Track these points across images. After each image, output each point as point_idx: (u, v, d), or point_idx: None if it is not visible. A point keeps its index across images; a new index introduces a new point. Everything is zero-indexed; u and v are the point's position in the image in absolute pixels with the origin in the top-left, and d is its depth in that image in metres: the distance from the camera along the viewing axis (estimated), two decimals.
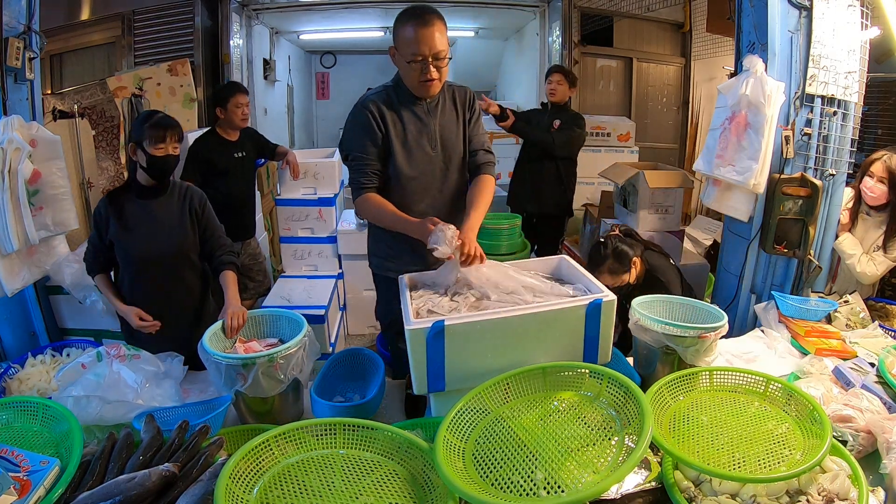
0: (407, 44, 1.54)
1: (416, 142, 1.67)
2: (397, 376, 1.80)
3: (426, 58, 1.54)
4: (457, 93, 1.73)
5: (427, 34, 1.51)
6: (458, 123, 1.73)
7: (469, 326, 1.24)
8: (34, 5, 2.12)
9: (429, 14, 1.53)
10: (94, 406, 1.29)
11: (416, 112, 1.66)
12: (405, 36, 1.54)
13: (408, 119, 1.66)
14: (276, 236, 3.62)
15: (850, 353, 1.68)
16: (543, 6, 4.79)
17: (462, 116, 1.73)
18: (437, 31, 1.53)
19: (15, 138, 1.86)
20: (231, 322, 1.52)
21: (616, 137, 4.51)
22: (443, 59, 1.56)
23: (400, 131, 1.66)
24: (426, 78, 1.57)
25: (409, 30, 1.53)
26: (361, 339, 3.42)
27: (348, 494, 0.99)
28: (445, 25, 1.56)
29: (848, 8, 2.12)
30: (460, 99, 1.73)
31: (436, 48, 1.53)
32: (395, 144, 1.65)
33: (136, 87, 3.86)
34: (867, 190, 2.19)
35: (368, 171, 1.65)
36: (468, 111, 1.74)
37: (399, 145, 1.66)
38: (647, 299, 1.65)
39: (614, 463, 0.99)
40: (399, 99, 1.66)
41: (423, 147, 1.68)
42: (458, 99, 1.73)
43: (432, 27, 1.52)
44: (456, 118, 1.72)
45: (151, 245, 1.76)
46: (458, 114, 1.73)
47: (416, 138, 1.67)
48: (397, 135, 1.66)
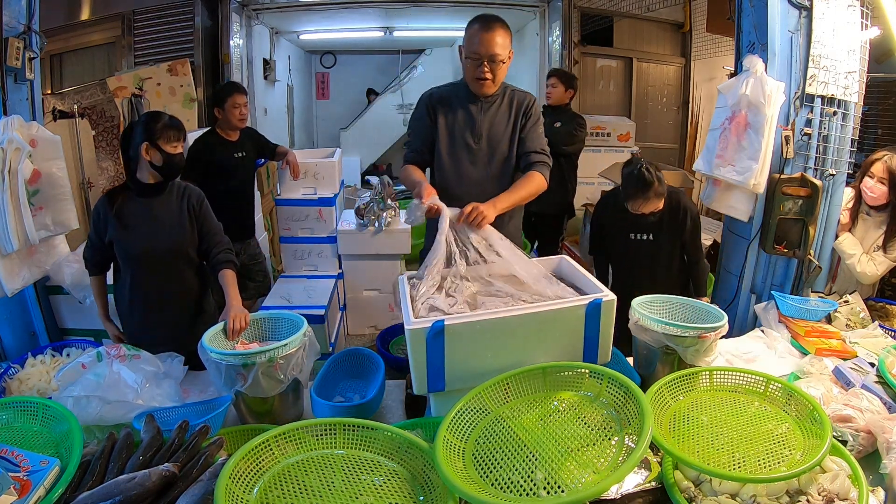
0: (469, 42, 1.74)
1: (460, 133, 1.85)
2: None
3: (482, 57, 1.72)
4: (516, 97, 1.88)
5: (487, 38, 1.70)
6: (508, 124, 1.87)
7: (469, 326, 1.24)
8: (34, 5, 2.12)
9: (494, 21, 1.72)
10: (94, 406, 1.29)
11: (469, 107, 1.85)
12: (469, 35, 1.74)
13: (459, 111, 1.85)
14: (276, 236, 3.62)
15: (850, 353, 1.68)
16: (543, 6, 4.79)
17: (515, 118, 1.86)
18: (497, 37, 1.70)
19: (15, 138, 1.86)
20: (233, 325, 1.52)
21: (616, 137, 4.51)
22: (498, 63, 1.74)
23: (448, 121, 1.86)
24: (479, 76, 1.75)
25: (473, 30, 1.73)
26: (361, 339, 3.42)
27: (348, 494, 0.99)
28: (509, 35, 1.74)
29: (848, 8, 2.12)
30: (518, 103, 1.87)
31: (492, 51, 1.71)
32: (440, 131, 1.86)
33: (136, 87, 3.86)
34: (867, 190, 2.19)
35: (416, 148, 1.90)
36: (523, 116, 1.86)
37: (444, 132, 1.86)
38: (647, 299, 1.66)
39: (614, 463, 0.99)
40: (459, 93, 1.87)
41: (466, 138, 1.85)
42: (516, 103, 1.87)
43: (493, 32, 1.70)
44: (508, 119, 1.86)
45: (150, 243, 1.76)
46: (511, 115, 1.87)
47: (462, 129, 1.85)
48: (445, 124, 1.86)
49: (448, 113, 1.86)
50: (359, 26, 5.86)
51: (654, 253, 2.17)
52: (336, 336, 3.10)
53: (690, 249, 2.21)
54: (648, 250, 2.18)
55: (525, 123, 1.86)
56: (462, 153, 1.86)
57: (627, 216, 2.14)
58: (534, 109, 1.88)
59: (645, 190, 2.01)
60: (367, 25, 5.81)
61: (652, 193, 2.02)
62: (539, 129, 1.89)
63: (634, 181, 2.02)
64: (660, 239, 2.16)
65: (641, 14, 4.90)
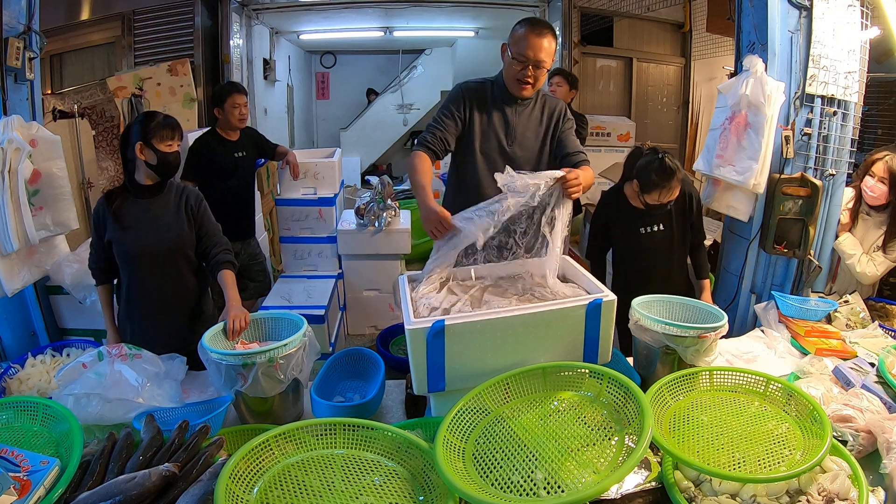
0: (517, 42, 1.73)
1: (495, 133, 1.84)
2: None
3: (528, 60, 1.72)
4: (548, 103, 1.89)
5: (537, 42, 1.70)
6: (540, 130, 1.88)
7: (469, 326, 1.24)
8: (34, 5, 2.12)
9: (545, 28, 1.73)
10: (95, 404, 1.29)
11: (504, 109, 1.84)
12: (518, 35, 1.73)
13: (494, 112, 1.84)
14: (276, 236, 3.62)
15: (850, 353, 1.68)
16: (543, 6, 4.79)
17: (546, 124, 1.88)
18: (546, 43, 1.70)
19: (15, 138, 1.86)
20: (233, 325, 1.52)
21: (616, 137, 4.51)
22: (542, 69, 1.74)
23: (483, 120, 1.84)
24: (522, 78, 1.75)
25: (523, 31, 1.71)
26: (361, 339, 3.42)
27: (348, 494, 0.99)
28: (556, 43, 1.76)
29: (848, 8, 2.12)
30: (549, 109, 1.89)
31: (539, 56, 1.71)
32: (476, 130, 1.84)
33: (136, 87, 3.86)
34: (868, 190, 2.19)
35: (437, 136, 1.80)
36: (558, 122, 1.88)
37: (479, 132, 1.85)
38: (647, 299, 1.66)
39: (614, 463, 0.99)
40: (494, 93, 1.85)
41: (500, 140, 1.85)
42: (548, 109, 1.89)
43: (543, 38, 1.70)
44: (539, 124, 1.88)
45: (149, 243, 1.76)
46: (542, 121, 1.88)
47: (497, 131, 1.84)
48: (480, 123, 1.84)
49: (483, 110, 1.84)
50: (359, 26, 5.86)
51: (668, 243, 2.14)
52: (336, 336, 3.10)
53: (694, 232, 2.18)
54: (662, 241, 2.13)
55: (563, 128, 1.88)
56: (495, 154, 1.85)
57: (634, 211, 2.11)
58: (567, 115, 1.90)
59: (669, 179, 1.96)
60: (367, 25, 5.82)
61: (675, 182, 1.98)
62: (574, 133, 1.91)
63: (657, 171, 1.96)
64: (672, 228, 2.13)
65: (641, 14, 4.90)
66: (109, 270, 1.83)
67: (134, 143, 1.70)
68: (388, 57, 7.58)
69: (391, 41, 6.55)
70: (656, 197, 2.00)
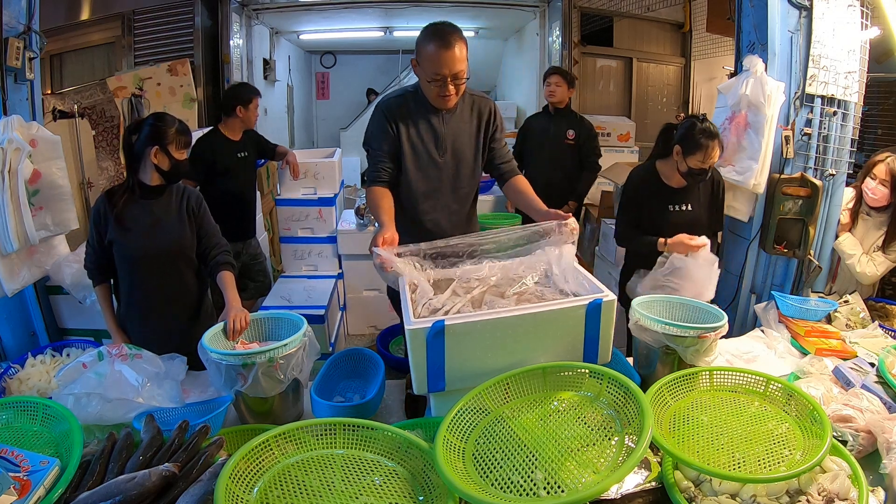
0: (428, 62, 1.62)
1: (425, 147, 1.76)
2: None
3: (445, 77, 1.62)
4: (476, 103, 1.80)
5: (448, 56, 1.60)
6: (472, 133, 1.80)
7: (469, 326, 1.23)
8: (34, 5, 2.12)
9: (451, 35, 1.60)
10: (95, 404, 1.28)
11: (430, 119, 1.75)
12: (427, 54, 1.62)
13: (420, 125, 1.75)
14: (276, 236, 3.62)
15: (850, 353, 1.68)
16: (543, 6, 4.79)
17: (478, 126, 1.80)
18: (457, 52, 1.60)
19: (15, 138, 1.86)
20: (234, 325, 1.52)
21: (616, 137, 4.52)
22: (461, 79, 1.65)
23: (412, 136, 1.75)
24: (444, 94, 1.66)
25: (431, 49, 1.60)
26: (361, 339, 3.42)
27: (348, 494, 0.99)
28: (466, 45, 1.63)
29: (848, 8, 2.12)
30: (478, 109, 1.80)
31: (455, 69, 1.62)
32: (405, 147, 1.75)
33: (136, 87, 3.87)
34: (869, 192, 2.19)
35: (381, 167, 1.76)
36: (489, 124, 1.81)
37: (409, 149, 1.76)
38: (647, 299, 1.66)
39: (614, 463, 0.99)
40: (416, 104, 1.75)
41: (431, 153, 1.77)
42: (477, 109, 1.80)
43: (453, 49, 1.59)
44: (471, 127, 1.80)
45: (150, 243, 1.76)
46: (473, 123, 1.80)
47: (426, 144, 1.76)
48: (408, 139, 1.75)
49: (409, 126, 1.74)
50: (359, 26, 5.86)
51: (694, 223, 2.12)
52: (336, 336, 3.10)
53: (718, 219, 2.18)
54: (689, 220, 2.12)
55: (494, 133, 1.82)
56: (429, 169, 1.78)
57: (666, 188, 2.11)
58: (497, 116, 1.83)
59: (712, 138, 1.97)
60: (367, 25, 5.81)
61: (716, 143, 1.98)
62: (503, 135, 1.86)
63: (701, 132, 1.97)
64: (699, 209, 2.13)
65: (641, 14, 4.91)
66: (107, 270, 1.82)
67: (147, 144, 1.71)
68: (388, 57, 7.57)
69: (391, 41, 6.54)
70: (701, 158, 1.97)
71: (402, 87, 1.81)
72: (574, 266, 1.54)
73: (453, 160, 1.79)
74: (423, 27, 1.65)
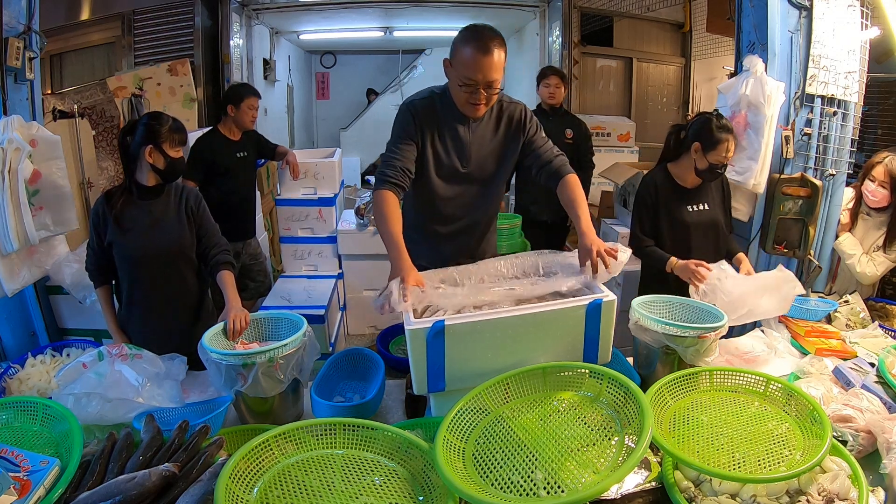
0: (463, 65, 1.52)
1: (448, 156, 1.68)
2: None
3: (478, 84, 1.53)
4: (506, 111, 1.69)
5: (486, 62, 1.50)
6: (499, 143, 1.71)
7: (469, 326, 1.24)
8: (34, 5, 2.12)
9: (491, 41, 1.50)
10: (95, 404, 1.28)
11: (457, 127, 1.66)
12: (463, 56, 1.52)
13: (446, 131, 1.66)
14: (276, 236, 3.62)
15: (850, 353, 1.68)
16: (543, 6, 4.79)
17: (506, 136, 1.70)
18: (495, 59, 1.50)
19: (15, 138, 1.86)
20: (234, 325, 1.52)
21: (616, 137, 4.52)
22: (495, 88, 1.56)
23: (436, 141, 1.67)
24: (474, 101, 1.57)
25: (468, 52, 1.50)
26: (361, 339, 3.42)
27: (348, 494, 0.99)
28: (506, 51, 1.54)
29: (848, 8, 2.12)
30: (509, 118, 1.70)
31: (490, 77, 1.52)
32: (428, 153, 1.67)
33: (136, 87, 3.87)
34: (869, 193, 2.19)
35: (397, 167, 1.62)
36: (521, 132, 1.70)
37: (432, 155, 1.68)
38: (647, 299, 1.66)
39: (614, 463, 0.99)
40: (443, 109, 1.65)
41: (454, 162, 1.69)
42: (507, 117, 1.69)
43: (491, 55, 1.49)
44: (500, 138, 1.70)
45: (149, 244, 1.76)
46: (502, 133, 1.70)
47: (450, 152, 1.68)
48: (432, 144, 1.67)
49: (435, 132, 1.66)
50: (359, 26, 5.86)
51: (713, 222, 2.10)
52: (336, 336, 3.10)
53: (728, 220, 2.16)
54: (708, 219, 2.10)
55: (529, 138, 1.71)
56: (452, 178, 1.71)
57: (680, 190, 2.08)
58: (530, 121, 1.71)
59: (730, 132, 1.95)
60: (367, 25, 5.82)
61: (733, 137, 1.96)
62: (541, 135, 1.74)
63: (718, 127, 1.95)
64: (714, 208, 2.11)
65: (641, 14, 4.91)
66: (108, 271, 1.82)
67: (142, 144, 1.70)
68: (388, 57, 7.57)
69: (391, 41, 6.55)
70: (722, 152, 1.95)
71: (430, 89, 1.70)
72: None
73: (478, 171, 1.71)
74: (464, 27, 1.56)
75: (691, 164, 2.02)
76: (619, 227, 2.96)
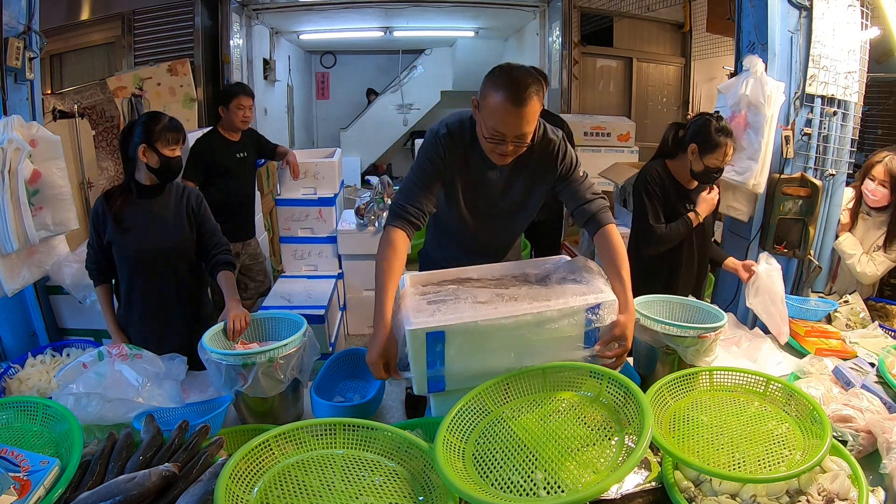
0: (491, 115, 1.33)
1: (479, 192, 1.57)
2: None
3: (506, 138, 1.35)
4: (538, 147, 1.50)
5: (518, 116, 1.32)
6: (531, 176, 1.56)
7: (469, 326, 1.23)
8: (34, 5, 2.12)
9: (527, 90, 1.30)
10: (95, 404, 1.28)
11: (486, 172, 1.54)
12: (493, 104, 1.32)
13: (474, 171, 1.53)
14: (276, 236, 3.62)
15: (850, 353, 1.68)
16: (543, 6, 4.80)
17: (536, 173, 1.55)
18: (528, 112, 1.32)
19: (15, 138, 1.85)
20: (233, 325, 1.52)
21: (616, 137, 4.51)
22: (525, 141, 1.38)
23: (466, 177, 1.54)
24: (501, 152, 1.39)
25: (498, 99, 1.31)
26: (361, 339, 3.42)
27: (348, 494, 0.99)
28: (542, 99, 1.35)
29: (848, 8, 2.12)
30: (540, 153, 1.51)
31: (521, 130, 1.34)
32: (458, 186, 1.55)
33: (136, 87, 3.87)
34: (869, 193, 2.18)
35: (417, 205, 1.47)
36: (554, 165, 1.52)
37: (461, 189, 1.56)
38: (648, 299, 1.66)
39: (614, 463, 0.99)
40: (473, 146, 1.49)
41: (485, 198, 1.58)
42: (538, 153, 1.51)
43: (525, 108, 1.31)
44: (530, 175, 1.56)
45: (149, 244, 1.75)
46: (534, 166, 1.54)
47: (480, 189, 1.57)
48: (462, 179, 1.55)
49: (464, 166, 1.52)
50: (359, 26, 5.87)
51: (701, 224, 2.06)
52: (336, 336, 3.10)
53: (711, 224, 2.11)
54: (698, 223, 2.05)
55: (564, 176, 1.53)
56: (481, 212, 1.61)
57: (680, 188, 2.04)
58: (565, 155, 1.53)
59: (729, 135, 1.90)
60: (367, 25, 5.83)
61: (732, 141, 1.92)
62: (579, 170, 1.56)
63: (718, 130, 1.89)
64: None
65: (641, 14, 4.91)
66: (108, 271, 1.82)
67: (137, 143, 1.70)
68: (388, 57, 7.58)
69: (391, 41, 6.55)
70: (720, 157, 1.90)
71: (462, 116, 1.51)
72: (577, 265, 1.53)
73: (510, 205, 1.61)
74: (496, 67, 1.38)
75: (688, 165, 1.98)
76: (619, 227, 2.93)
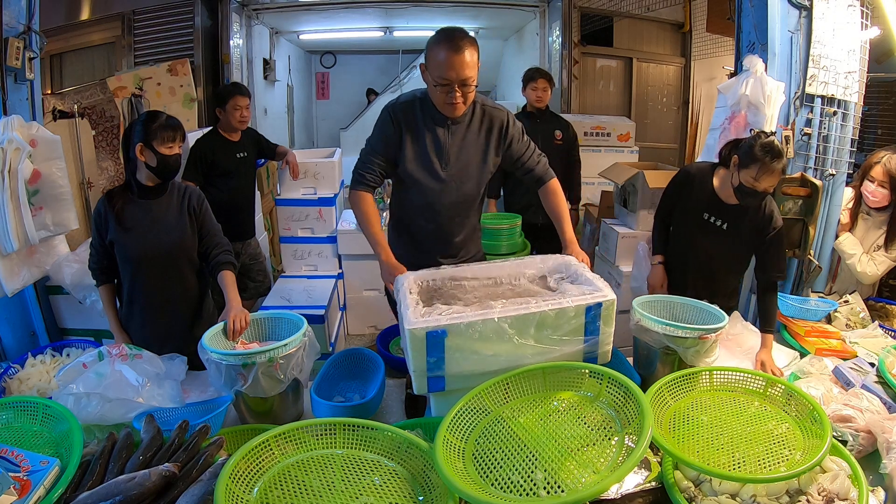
0: (437, 66, 1.56)
1: (427, 156, 1.70)
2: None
3: (453, 83, 1.56)
4: (487, 115, 1.72)
5: (458, 60, 1.53)
6: (480, 148, 1.73)
7: (469, 326, 1.23)
8: (34, 5, 2.12)
9: (461, 40, 1.54)
10: (95, 404, 1.28)
11: (436, 130, 1.69)
12: (436, 58, 1.56)
13: (425, 133, 1.69)
14: (276, 236, 3.62)
15: (850, 353, 1.69)
16: (543, 6, 4.80)
17: (487, 141, 1.73)
18: (467, 57, 1.54)
19: (15, 138, 1.85)
20: (234, 325, 1.52)
21: (616, 137, 4.51)
22: (470, 86, 1.59)
23: (415, 142, 1.70)
24: (451, 101, 1.60)
25: (440, 53, 1.55)
26: (361, 339, 3.42)
27: (348, 494, 0.99)
28: (477, 51, 1.58)
29: (848, 8, 2.12)
30: (489, 123, 1.72)
31: (464, 75, 1.56)
32: (408, 153, 1.70)
33: (136, 87, 3.87)
34: (868, 194, 2.18)
35: (374, 169, 1.71)
36: (502, 138, 1.74)
37: (411, 155, 1.70)
38: (648, 299, 1.66)
39: (614, 463, 0.99)
40: (423, 112, 1.69)
41: (433, 164, 1.71)
42: (488, 122, 1.72)
43: (463, 54, 1.53)
44: (480, 141, 1.73)
45: (150, 244, 1.75)
46: (483, 137, 1.73)
47: (429, 154, 1.70)
48: (412, 145, 1.70)
49: (413, 132, 1.69)
50: (359, 26, 5.87)
51: (721, 242, 1.94)
52: (336, 336, 3.10)
53: (770, 267, 1.85)
54: (717, 237, 1.94)
55: (510, 145, 1.75)
56: (430, 181, 1.72)
57: (710, 194, 1.93)
58: (513, 127, 1.74)
59: (772, 157, 1.71)
60: (367, 25, 5.83)
61: (776, 165, 1.71)
62: (526, 139, 1.78)
63: (762, 146, 1.73)
64: (733, 233, 1.91)
65: (641, 14, 4.91)
66: (110, 271, 1.82)
67: (135, 143, 1.70)
68: (388, 57, 7.58)
69: (391, 41, 6.55)
70: (753, 174, 1.73)
71: (412, 92, 1.73)
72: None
73: (457, 172, 1.73)
74: (436, 31, 1.61)
75: (729, 177, 1.86)
76: (620, 227, 2.95)
